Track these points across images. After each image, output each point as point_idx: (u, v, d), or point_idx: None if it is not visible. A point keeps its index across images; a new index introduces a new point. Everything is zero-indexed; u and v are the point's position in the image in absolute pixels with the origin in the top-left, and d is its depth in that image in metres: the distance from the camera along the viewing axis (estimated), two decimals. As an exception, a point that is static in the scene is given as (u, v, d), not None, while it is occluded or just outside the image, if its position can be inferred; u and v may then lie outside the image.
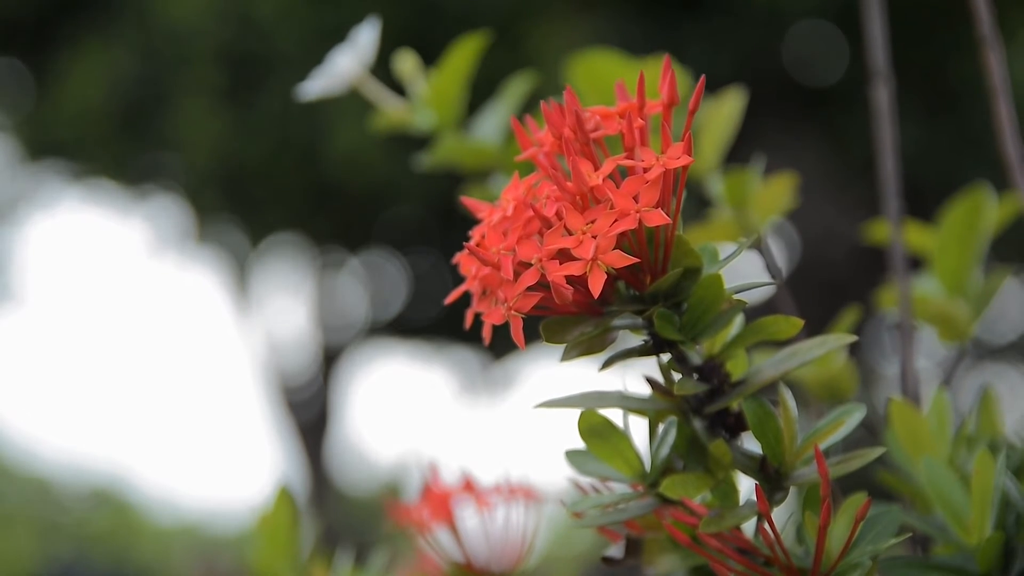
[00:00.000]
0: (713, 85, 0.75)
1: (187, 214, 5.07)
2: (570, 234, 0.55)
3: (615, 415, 0.62)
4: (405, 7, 3.82)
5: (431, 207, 4.56)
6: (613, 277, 0.57)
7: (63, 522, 7.65)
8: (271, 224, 4.93)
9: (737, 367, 0.62)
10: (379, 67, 0.93)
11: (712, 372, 0.61)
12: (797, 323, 0.59)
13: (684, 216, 0.59)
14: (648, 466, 0.62)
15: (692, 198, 0.67)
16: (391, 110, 0.95)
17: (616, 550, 0.66)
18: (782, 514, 0.62)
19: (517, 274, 0.55)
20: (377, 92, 0.94)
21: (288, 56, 3.99)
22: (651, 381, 0.61)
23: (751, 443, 0.61)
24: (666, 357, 0.60)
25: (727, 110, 0.90)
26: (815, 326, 0.69)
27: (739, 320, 0.61)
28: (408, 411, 8.82)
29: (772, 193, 0.91)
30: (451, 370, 6.18)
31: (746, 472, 0.61)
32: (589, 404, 0.61)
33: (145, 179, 4.89)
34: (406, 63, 0.96)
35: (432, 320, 5.46)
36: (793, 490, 0.61)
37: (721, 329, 0.58)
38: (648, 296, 0.58)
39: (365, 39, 0.93)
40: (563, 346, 0.58)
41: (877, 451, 0.60)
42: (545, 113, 0.59)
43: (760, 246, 0.83)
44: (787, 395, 0.60)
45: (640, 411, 0.62)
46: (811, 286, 4.18)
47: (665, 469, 0.61)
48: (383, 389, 7.79)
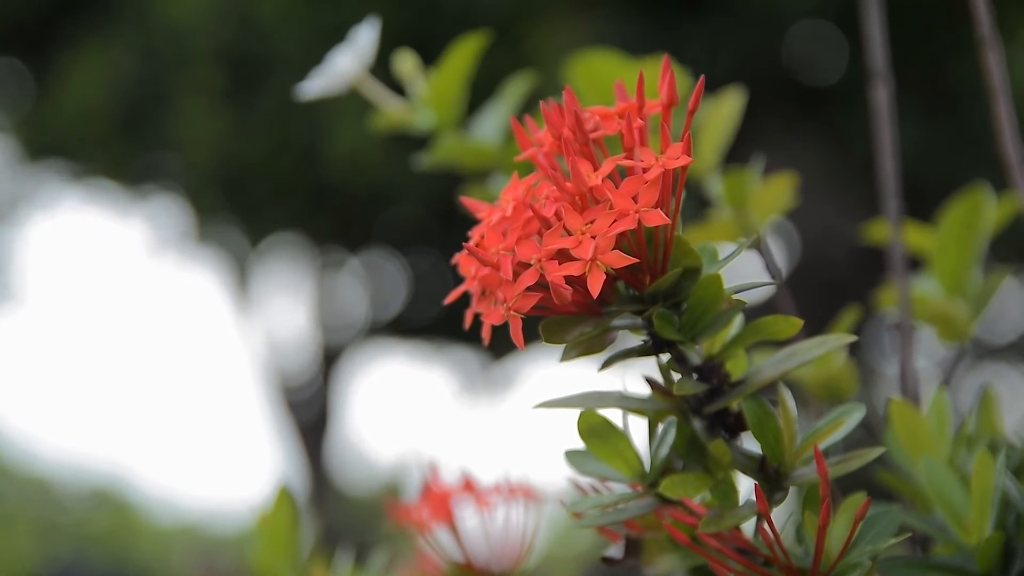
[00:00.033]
0: (713, 85, 0.75)
1: (187, 214, 5.07)
2: (569, 234, 0.55)
3: (615, 415, 0.62)
4: (405, 7, 3.82)
5: (431, 207, 4.56)
6: (612, 277, 0.57)
7: (63, 522, 7.64)
8: (271, 224, 4.93)
9: (737, 367, 0.62)
10: (379, 67, 0.93)
11: (711, 372, 0.61)
12: (797, 323, 0.59)
13: (684, 216, 0.59)
14: (648, 466, 0.62)
15: (692, 198, 0.67)
16: (391, 110, 0.95)
17: (616, 550, 0.66)
18: (782, 514, 0.62)
19: (516, 274, 0.55)
20: (377, 92, 0.94)
21: (288, 56, 3.99)
22: (650, 381, 0.61)
23: (751, 443, 0.61)
24: (665, 357, 0.60)
25: (726, 110, 0.90)
26: (815, 326, 0.69)
27: (739, 320, 0.61)
28: (408, 411, 8.82)
29: (772, 193, 0.91)
30: (451, 370, 6.18)
31: (745, 472, 0.61)
32: (588, 404, 0.61)
33: (145, 179, 4.89)
34: (406, 63, 0.95)
35: (432, 320, 5.46)
36: (793, 490, 0.61)
37: (721, 329, 0.58)
38: (647, 296, 0.58)
39: (365, 39, 0.93)
40: (562, 346, 0.58)
41: (877, 451, 0.60)
42: (544, 113, 0.59)
43: (760, 246, 0.83)
44: (787, 395, 0.60)
45: (640, 411, 0.62)
46: (811, 286, 4.18)
47: (664, 469, 0.61)
48: (383, 389, 7.79)
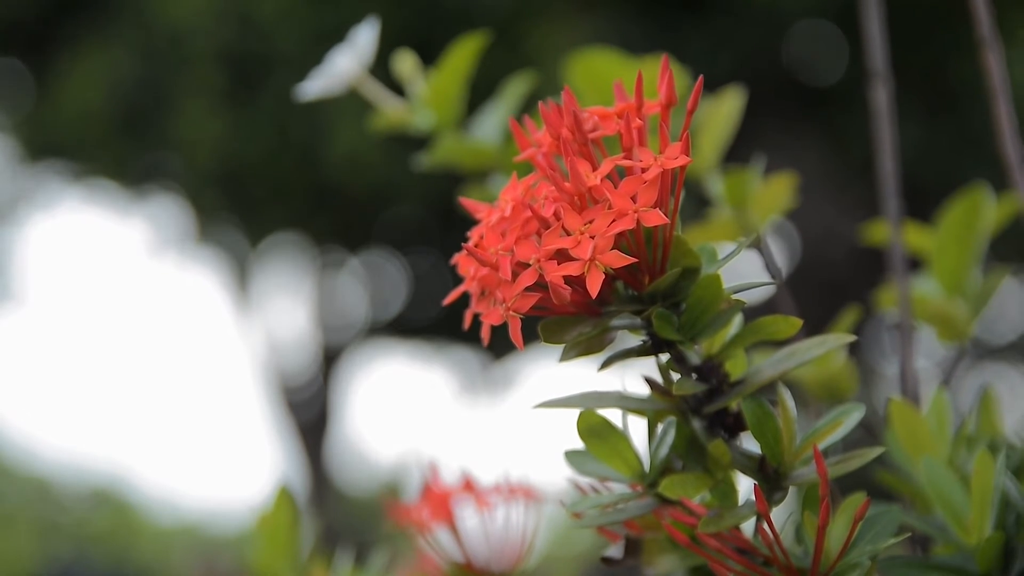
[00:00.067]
0: (713, 85, 0.75)
1: (187, 214, 5.08)
2: (568, 234, 0.55)
3: (614, 415, 0.62)
4: (405, 7, 3.82)
5: (431, 207, 4.56)
6: (611, 277, 0.57)
7: (63, 522, 7.64)
8: (271, 224, 4.93)
9: (736, 367, 0.62)
10: (378, 67, 0.93)
11: (711, 372, 0.60)
12: (796, 323, 0.59)
13: (684, 216, 0.59)
14: (647, 466, 0.62)
15: (692, 197, 0.67)
16: (390, 110, 0.95)
17: (615, 550, 0.65)
18: (781, 514, 0.62)
19: (515, 274, 0.55)
20: (376, 92, 0.94)
21: (288, 56, 3.99)
22: (650, 381, 0.61)
23: (750, 443, 0.61)
24: (665, 357, 0.60)
25: (726, 109, 0.90)
26: (814, 326, 0.69)
27: (738, 320, 0.61)
28: (408, 411, 8.82)
29: (772, 193, 0.91)
30: (451, 370, 6.18)
31: (745, 472, 0.61)
32: (588, 404, 0.61)
33: (145, 179, 4.89)
34: (405, 63, 0.95)
35: (432, 320, 5.46)
36: (792, 490, 0.61)
37: (720, 329, 0.58)
38: (647, 296, 0.58)
39: (364, 39, 0.93)
40: (562, 346, 0.58)
41: (876, 451, 0.60)
42: (543, 113, 0.59)
43: (759, 246, 0.83)
44: (786, 395, 0.60)
45: (639, 411, 0.62)
46: (811, 286, 4.18)
47: (664, 469, 0.61)
48: (383, 389, 7.79)
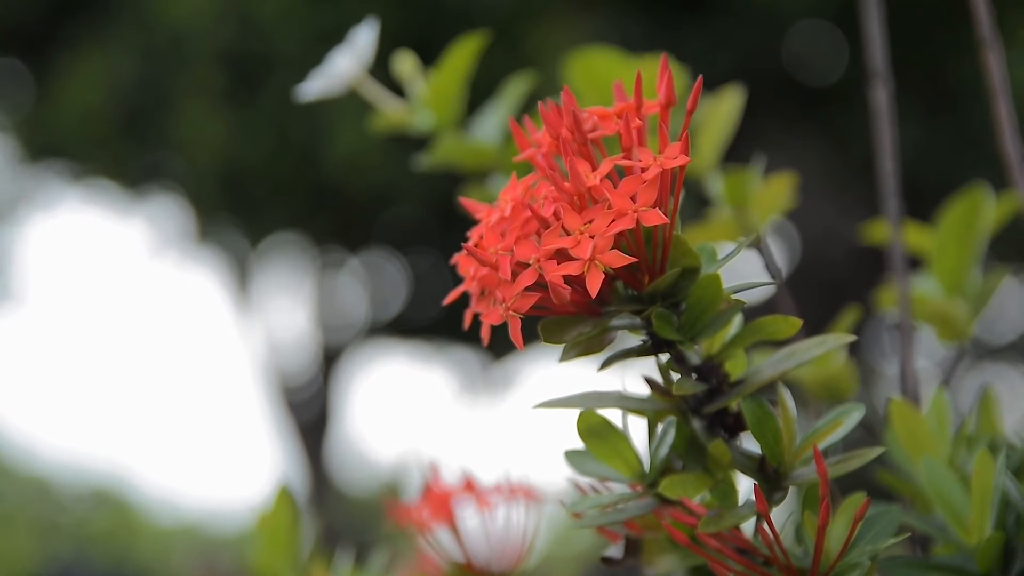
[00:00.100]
0: (713, 85, 0.75)
1: (187, 214, 5.08)
2: (568, 234, 0.55)
3: (614, 415, 0.62)
4: (404, 7, 3.82)
5: (431, 207, 4.56)
6: (611, 277, 0.57)
7: (63, 522, 7.64)
8: (271, 224, 4.93)
9: (736, 367, 0.62)
10: (378, 67, 0.93)
11: (711, 372, 0.60)
12: (796, 323, 0.59)
13: (683, 215, 0.59)
14: (647, 466, 0.62)
15: (691, 197, 0.67)
16: (390, 110, 0.95)
17: (615, 550, 0.65)
18: (781, 514, 0.62)
19: (515, 274, 0.55)
20: (376, 93, 0.94)
21: (288, 57, 3.99)
22: (650, 381, 0.61)
23: (750, 443, 0.61)
24: (665, 357, 0.60)
25: (726, 108, 0.90)
26: (814, 326, 0.69)
27: (738, 320, 0.61)
28: (408, 411, 8.82)
29: (772, 193, 0.91)
30: (451, 370, 6.18)
31: (745, 472, 0.61)
32: (588, 404, 0.61)
33: (145, 179, 4.89)
34: (405, 63, 0.95)
35: (432, 320, 5.46)
36: (792, 490, 0.61)
37: (720, 329, 0.58)
38: (646, 296, 0.58)
39: (364, 39, 0.92)
40: (562, 346, 0.58)
41: (876, 451, 0.60)
42: (543, 114, 0.59)
43: (759, 246, 0.83)
44: (786, 395, 0.60)
45: (639, 411, 0.62)
46: (811, 286, 4.18)
47: (664, 469, 0.61)
48: (383, 389, 7.79)
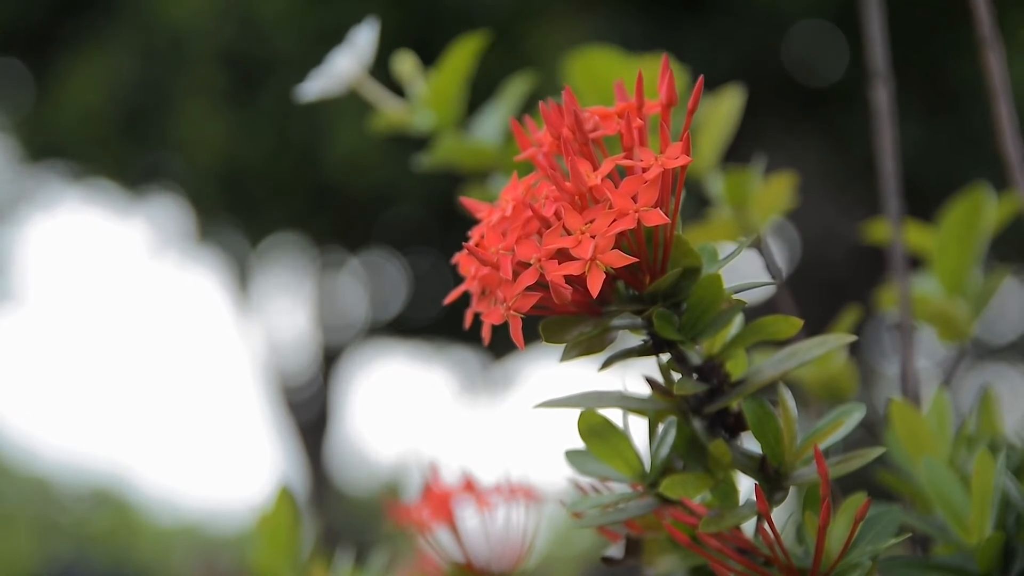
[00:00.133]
0: (713, 85, 0.75)
1: (187, 214, 5.08)
2: (569, 234, 0.55)
3: (615, 415, 0.62)
4: (404, 7, 3.82)
5: (431, 207, 4.56)
6: (612, 277, 0.57)
7: (63, 522, 7.64)
8: (271, 224, 4.93)
9: (737, 367, 0.62)
10: (378, 68, 0.93)
11: (712, 372, 0.60)
12: (797, 323, 0.59)
13: (683, 215, 0.59)
14: (648, 466, 0.62)
15: (691, 197, 0.67)
16: (390, 111, 0.95)
17: (616, 550, 0.65)
18: (782, 514, 0.62)
19: (516, 274, 0.55)
20: (376, 93, 0.94)
21: (288, 57, 3.99)
22: (651, 381, 0.61)
23: (751, 443, 0.61)
24: (665, 357, 0.60)
25: (726, 108, 0.90)
26: (815, 326, 0.69)
27: (739, 320, 0.61)
28: (408, 411, 8.82)
29: (772, 193, 0.91)
30: (451, 370, 6.19)
31: (746, 472, 0.61)
32: (589, 404, 0.61)
33: (145, 180, 4.89)
34: (405, 63, 0.95)
35: (432, 320, 5.46)
36: (793, 490, 0.61)
37: (721, 329, 0.58)
38: (647, 296, 0.58)
39: (364, 40, 0.92)
40: (562, 346, 0.58)
41: (877, 451, 0.60)
42: (544, 113, 0.59)
43: (760, 246, 0.83)
44: (787, 395, 0.60)
45: (640, 411, 0.62)
46: (811, 286, 4.18)
47: (665, 469, 0.61)
48: (383, 389, 7.79)
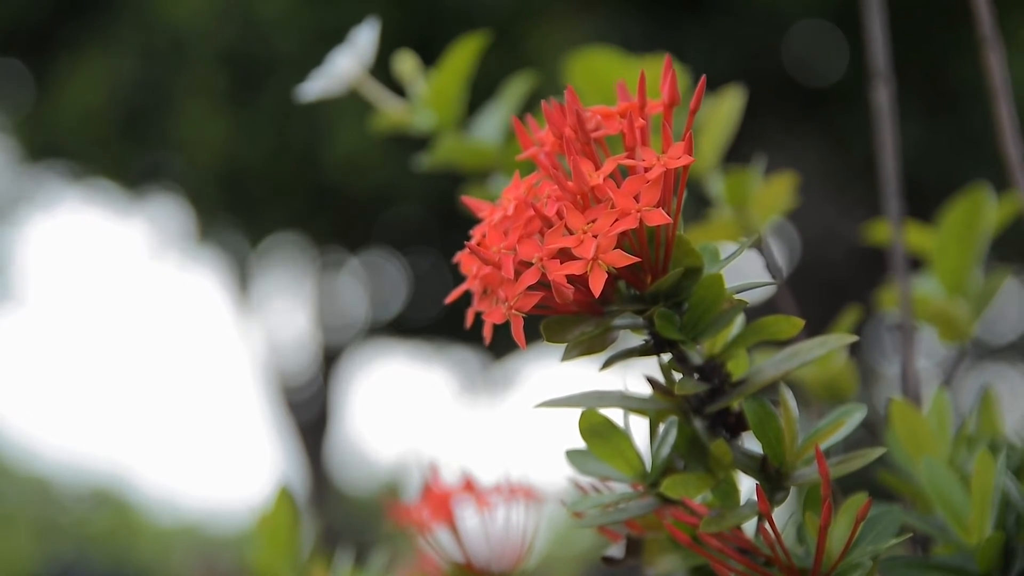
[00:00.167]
0: (713, 85, 0.75)
1: (188, 214, 5.08)
2: (571, 233, 0.55)
3: (616, 415, 0.62)
4: (405, 8, 3.82)
5: (431, 207, 4.56)
6: (614, 276, 0.57)
7: (63, 522, 7.64)
8: (271, 224, 4.93)
9: (738, 367, 0.62)
10: (379, 68, 0.93)
11: (713, 372, 0.60)
12: (798, 323, 0.59)
13: (684, 216, 0.59)
14: (649, 466, 0.62)
15: (692, 197, 0.67)
16: (391, 111, 0.95)
17: (616, 550, 0.65)
18: (783, 514, 0.62)
19: (518, 273, 0.55)
20: (377, 93, 0.94)
21: (288, 57, 3.99)
22: (652, 381, 0.61)
23: (752, 443, 0.61)
24: (667, 357, 0.60)
25: (727, 109, 0.90)
26: (815, 326, 0.69)
27: (740, 320, 0.61)
28: (408, 411, 8.82)
29: (772, 193, 0.91)
30: (451, 370, 6.19)
31: (747, 472, 0.61)
32: (590, 404, 0.61)
33: (146, 180, 4.89)
34: (406, 63, 0.95)
35: (432, 320, 5.46)
36: (794, 490, 0.61)
37: (722, 329, 0.58)
38: (649, 296, 0.58)
39: (364, 40, 0.92)
40: (564, 346, 0.58)
41: (878, 451, 0.60)
42: (546, 112, 0.59)
43: (761, 246, 0.83)
44: (788, 395, 0.60)
45: (641, 411, 0.62)
46: (811, 286, 4.18)
47: (666, 469, 0.61)
48: (383, 389, 7.79)
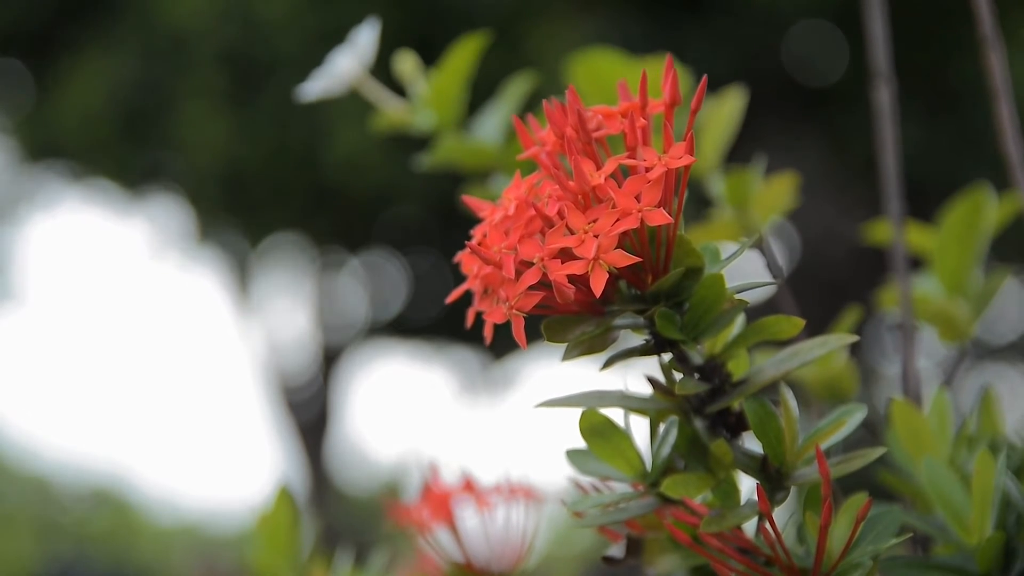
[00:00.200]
0: (713, 85, 0.75)
1: (188, 215, 5.08)
2: (572, 233, 0.55)
3: (616, 415, 0.62)
4: (405, 8, 3.82)
5: (431, 207, 4.56)
6: (615, 276, 0.57)
7: (63, 522, 7.65)
8: (271, 224, 4.93)
9: (738, 367, 0.62)
10: (379, 68, 0.93)
11: (713, 372, 0.60)
12: (798, 323, 0.59)
13: (685, 216, 0.59)
14: (649, 466, 0.62)
15: (693, 198, 0.67)
16: (391, 111, 0.95)
17: (617, 550, 0.65)
18: (783, 514, 0.62)
19: (519, 273, 0.55)
20: (377, 93, 0.94)
21: (289, 57, 3.99)
22: (652, 381, 0.61)
23: (752, 443, 0.61)
24: (667, 357, 0.60)
25: (728, 109, 0.90)
26: (816, 326, 0.69)
27: (740, 320, 0.61)
28: (408, 411, 8.83)
29: (773, 193, 0.91)
30: (451, 370, 6.19)
31: (747, 472, 0.61)
32: (590, 403, 0.61)
33: (146, 180, 4.89)
34: (406, 63, 0.95)
35: (432, 320, 5.46)
36: (794, 490, 0.61)
37: (723, 329, 0.58)
38: (650, 296, 0.58)
39: (365, 40, 0.92)
40: (564, 345, 0.58)
41: (878, 451, 0.60)
42: (547, 112, 0.59)
43: (761, 246, 0.83)
44: (788, 395, 0.60)
45: (641, 411, 0.62)
46: (812, 286, 4.18)
47: (666, 469, 0.61)
48: (383, 389, 7.79)
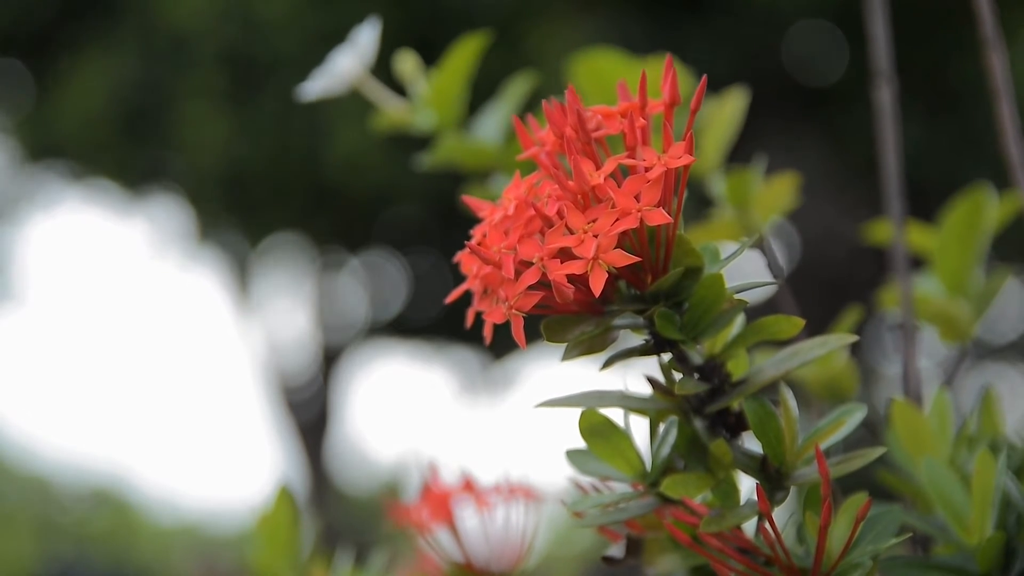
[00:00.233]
0: (713, 85, 0.75)
1: (188, 215, 5.08)
2: (571, 233, 0.55)
3: (616, 415, 0.62)
4: (405, 7, 3.82)
5: (431, 207, 4.56)
6: (614, 276, 0.57)
7: (63, 522, 7.65)
8: (271, 224, 4.93)
9: (738, 367, 0.62)
10: (380, 67, 0.93)
11: (713, 372, 0.60)
12: (798, 323, 0.59)
13: (685, 216, 0.59)
14: (649, 465, 0.62)
15: (693, 198, 0.67)
16: (392, 110, 0.95)
17: (616, 550, 0.65)
18: (783, 514, 0.62)
19: (518, 273, 0.55)
20: (378, 92, 0.94)
21: (289, 57, 3.99)
22: (652, 381, 0.61)
23: (752, 443, 0.61)
24: (667, 357, 0.60)
25: (729, 110, 0.90)
26: (816, 326, 0.69)
27: (740, 320, 0.61)
28: (408, 411, 8.83)
29: (773, 193, 0.91)
30: (451, 370, 6.19)
31: (747, 472, 0.61)
32: (590, 403, 0.61)
33: (147, 180, 4.89)
34: (407, 63, 0.95)
35: (432, 320, 5.46)
36: (794, 490, 0.61)
37: (722, 329, 0.58)
38: (649, 295, 0.58)
39: (365, 39, 0.92)
40: (564, 345, 0.58)
41: (878, 451, 0.60)
42: (547, 112, 0.59)
43: (761, 245, 0.83)
44: (788, 395, 0.60)
45: (641, 411, 0.62)
46: (812, 286, 4.18)
47: (666, 468, 0.61)
48: (383, 389, 7.79)
